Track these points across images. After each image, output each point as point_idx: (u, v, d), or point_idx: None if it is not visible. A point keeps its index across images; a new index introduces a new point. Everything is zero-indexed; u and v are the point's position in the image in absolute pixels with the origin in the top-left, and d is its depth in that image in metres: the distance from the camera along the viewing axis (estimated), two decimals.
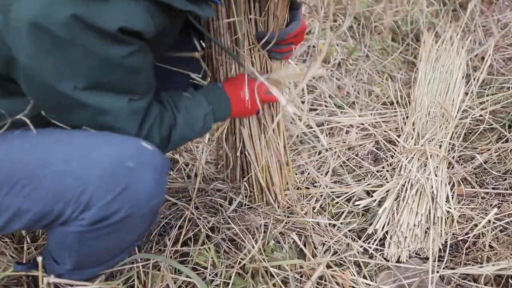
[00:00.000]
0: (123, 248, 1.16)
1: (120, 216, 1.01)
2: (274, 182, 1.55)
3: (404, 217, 1.52)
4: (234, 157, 1.53)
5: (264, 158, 1.50)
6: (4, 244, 1.40)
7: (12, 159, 1.02)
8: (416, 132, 1.85)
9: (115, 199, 0.99)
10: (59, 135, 1.04)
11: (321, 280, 1.37)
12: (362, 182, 1.72)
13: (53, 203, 1.00)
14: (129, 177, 0.99)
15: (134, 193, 1.01)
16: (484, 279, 1.37)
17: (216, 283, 1.35)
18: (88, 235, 1.03)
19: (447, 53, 2.21)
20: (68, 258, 1.12)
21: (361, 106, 2.06)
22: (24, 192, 1.01)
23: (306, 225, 1.53)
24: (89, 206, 0.99)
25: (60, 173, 0.99)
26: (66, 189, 0.99)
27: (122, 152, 1.01)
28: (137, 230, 1.11)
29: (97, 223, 1.01)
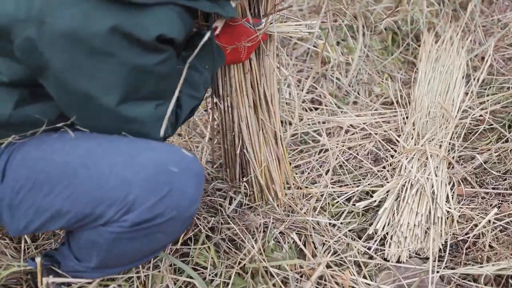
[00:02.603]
0: (154, 250, 1.17)
1: (162, 220, 1.02)
2: (274, 180, 1.55)
3: (404, 217, 1.52)
4: (233, 155, 1.53)
5: (263, 155, 1.50)
6: (5, 244, 1.40)
7: (52, 161, 1.04)
8: (416, 132, 1.85)
9: (159, 202, 1.00)
10: (100, 139, 1.06)
11: (321, 280, 1.37)
12: (362, 182, 1.72)
13: (95, 204, 1.01)
14: (172, 182, 1.01)
15: (177, 197, 1.02)
16: (484, 279, 1.38)
17: (216, 283, 1.35)
18: (125, 236, 1.04)
19: (447, 53, 2.21)
20: (96, 256, 1.12)
21: (361, 106, 2.06)
22: (65, 194, 1.02)
23: (306, 225, 1.53)
24: (133, 208, 1.00)
25: (104, 174, 1.01)
26: (110, 191, 1.00)
27: (166, 157, 1.03)
28: (174, 233, 1.13)
29: (138, 225, 1.02)
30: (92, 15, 0.92)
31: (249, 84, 1.41)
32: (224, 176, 1.62)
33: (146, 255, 1.17)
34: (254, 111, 1.46)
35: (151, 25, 0.95)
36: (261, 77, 1.41)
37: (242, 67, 1.38)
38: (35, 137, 1.07)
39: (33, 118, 1.04)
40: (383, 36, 2.40)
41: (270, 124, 1.48)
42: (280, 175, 1.57)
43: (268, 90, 1.44)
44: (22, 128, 1.06)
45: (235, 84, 1.40)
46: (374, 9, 2.44)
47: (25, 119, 1.05)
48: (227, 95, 1.43)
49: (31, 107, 1.05)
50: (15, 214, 1.07)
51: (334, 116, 1.99)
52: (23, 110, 1.04)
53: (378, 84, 2.16)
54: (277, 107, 1.49)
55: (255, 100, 1.44)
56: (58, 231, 1.46)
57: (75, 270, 1.19)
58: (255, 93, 1.43)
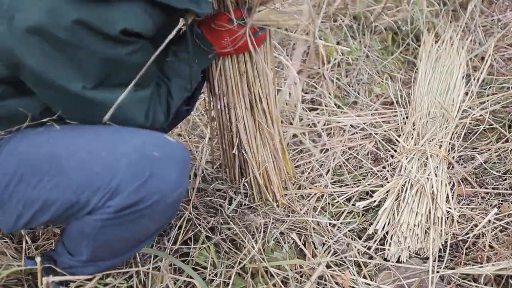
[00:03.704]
0: (141, 238, 1.18)
1: (145, 204, 1.04)
2: (272, 181, 1.55)
3: (404, 217, 1.52)
4: (232, 155, 1.53)
5: (261, 156, 1.50)
6: (5, 244, 1.40)
7: (39, 153, 1.06)
8: (416, 132, 1.85)
9: (141, 187, 1.02)
10: (83, 130, 1.09)
11: (321, 280, 1.37)
12: (362, 182, 1.72)
13: (79, 192, 1.03)
14: (155, 166, 1.03)
15: (160, 181, 1.04)
16: (484, 279, 1.38)
17: (216, 283, 1.35)
18: (110, 222, 1.06)
19: (447, 53, 2.21)
20: (86, 247, 1.14)
21: (361, 106, 2.06)
22: (52, 184, 1.04)
23: (306, 225, 1.53)
24: (117, 193, 1.02)
25: (88, 162, 1.03)
26: (94, 178, 1.02)
27: (148, 143, 1.05)
28: (159, 220, 1.13)
29: (122, 210, 1.03)
30: (58, 9, 0.95)
31: (245, 85, 1.41)
32: (224, 176, 1.62)
33: (134, 245, 1.18)
34: (251, 112, 1.46)
35: (116, 19, 0.98)
36: (255, 78, 1.41)
37: (238, 68, 1.38)
38: (21, 131, 1.08)
39: (17, 113, 1.06)
40: (383, 36, 2.40)
41: (267, 125, 1.48)
42: (278, 176, 1.57)
43: (263, 91, 1.44)
44: (5, 122, 1.08)
45: (231, 85, 1.40)
46: (374, 9, 2.45)
47: (8, 114, 1.07)
48: (223, 94, 1.43)
49: (14, 101, 1.06)
50: (5, 209, 1.08)
51: (334, 116, 1.99)
52: (6, 104, 1.06)
53: (378, 84, 2.16)
54: (274, 107, 1.48)
55: (252, 101, 1.44)
56: (58, 231, 1.46)
57: (70, 266, 1.20)
58: (251, 94, 1.43)
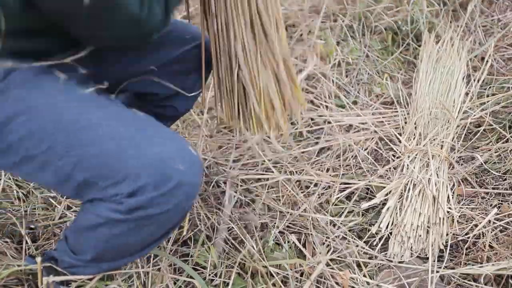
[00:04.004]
0: (148, 244, 1.17)
1: (158, 211, 1.04)
2: (275, 108, 1.35)
3: (407, 217, 1.52)
4: (230, 83, 1.35)
5: (262, 80, 1.32)
6: (5, 244, 1.40)
7: (56, 117, 1.02)
8: (418, 132, 1.85)
9: (160, 196, 1.02)
10: (110, 109, 1.06)
11: (320, 279, 1.37)
12: (363, 182, 1.72)
13: (99, 178, 1.02)
14: (177, 179, 1.02)
15: (178, 193, 1.03)
16: (484, 279, 1.38)
17: (216, 283, 1.35)
18: (122, 225, 1.05)
19: (448, 54, 2.21)
20: (93, 248, 1.13)
21: (362, 106, 2.06)
22: (69, 158, 1.01)
23: (307, 223, 1.53)
24: (134, 195, 1.01)
25: (114, 156, 1.01)
26: (116, 172, 1.01)
27: (175, 153, 1.04)
28: (167, 227, 1.13)
29: (134, 211, 1.03)
30: None
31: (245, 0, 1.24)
32: (220, 115, 1.43)
33: (139, 250, 1.18)
34: (251, 29, 1.28)
35: None
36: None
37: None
38: (33, 71, 1.02)
39: None
40: (383, 36, 2.40)
41: (267, 42, 1.29)
42: (282, 101, 1.36)
43: (264, 5, 1.26)
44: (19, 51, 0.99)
45: (229, 1, 1.24)
46: (374, 9, 2.45)
47: None
48: (220, 11, 1.27)
49: None
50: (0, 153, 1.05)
51: (334, 116, 1.99)
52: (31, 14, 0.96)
53: (378, 84, 2.16)
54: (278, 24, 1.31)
55: (251, 17, 1.27)
56: (58, 231, 1.46)
57: (71, 265, 1.19)
58: (250, 10, 1.26)
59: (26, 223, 1.47)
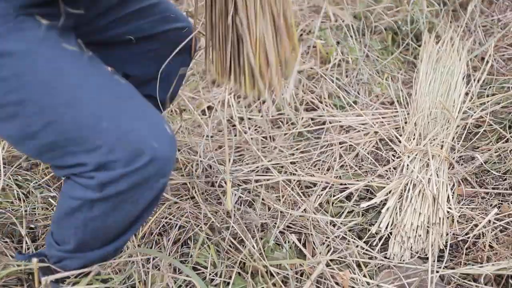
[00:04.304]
0: (128, 225, 1.16)
1: (129, 186, 1.03)
2: (270, 62, 1.21)
3: (408, 217, 1.52)
4: (223, 30, 1.20)
5: (259, 28, 1.17)
6: (5, 244, 1.40)
7: (34, 69, 0.97)
8: (418, 132, 1.85)
9: (131, 173, 1.01)
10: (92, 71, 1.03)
11: (321, 279, 1.37)
12: (363, 182, 1.71)
13: (70, 142, 1.00)
14: (151, 156, 1.01)
15: (151, 170, 1.03)
16: (484, 279, 1.38)
17: (216, 283, 1.35)
18: (96, 206, 1.05)
19: (448, 54, 2.21)
20: (74, 234, 1.12)
21: (362, 106, 2.06)
22: (43, 116, 0.99)
23: (307, 223, 1.53)
24: (104, 168, 1.00)
25: (88, 124, 0.99)
26: (88, 140, 0.99)
27: (149, 130, 1.03)
28: (140, 204, 1.11)
29: (104, 187, 1.02)
30: None
31: None
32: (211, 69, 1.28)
33: (121, 232, 1.16)
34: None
35: None
36: None
37: None
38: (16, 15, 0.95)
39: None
40: (383, 36, 2.40)
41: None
42: (277, 56, 1.23)
43: None
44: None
45: None
46: (374, 9, 2.45)
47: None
48: None
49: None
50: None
51: (334, 116, 1.99)
52: None
53: (378, 84, 2.16)
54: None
55: None
56: None
57: (58, 259, 1.18)
58: None
59: (26, 223, 1.47)
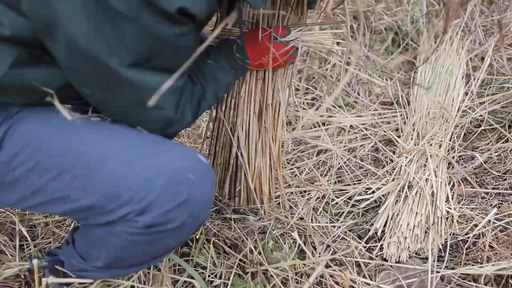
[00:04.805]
0: (162, 253, 1.15)
1: (175, 225, 1.01)
2: (263, 192, 1.49)
3: (404, 217, 1.52)
4: (225, 158, 1.46)
5: (257, 163, 1.43)
6: (4, 242, 1.40)
7: (61, 144, 1.00)
8: (416, 132, 1.85)
9: (175, 208, 0.99)
10: (115, 132, 1.04)
11: (321, 279, 1.37)
12: (362, 182, 1.72)
13: (107, 200, 0.99)
14: (190, 189, 1.00)
15: (193, 205, 1.01)
16: (484, 279, 1.38)
17: (216, 284, 1.35)
18: (136, 238, 1.02)
19: (447, 53, 2.21)
20: (105, 256, 1.10)
21: (361, 106, 2.06)
22: (75, 183, 0.99)
23: (306, 225, 1.52)
24: (147, 211, 0.98)
25: (120, 174, 0.99)
26: (125, 191, 0.98)
27: (184, 163, 1.01)
28: (183, 238, 1.11)
29: (150, 228, 1.00)
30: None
31: (259, 88, 1.34)
32: None
33: (152, 258, 1.16)
34: (258, 117, 1.38)
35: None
36: (270, 84, 1.34)
37: (256, 73, 1.32)
38: (42, 109, 1.00)
39: (30, 84, 0.96)
40: (383, 36, 2.40)
41: (274, 130, 1.41)
42: (270, 187, 1.51)
43: (274, 98, 1.37)
44: (16, 94, 0.99)
45: (244, 87, 1.34)
46: (374, 9, 2.44)
47: (21, 83, 0.97)
48: (232, 97, 1.36)
49: (30, 70, 0.97)
50: (4, 190, 1.03)
51: (334, 116, 1.99)
52: (20, 71, 0.96)
53: (377, 84, 2.16)
54: (283, 115, 1.41)
55: (261, 107, 1.37)
56: (57, 230, 1.46)
57: (80, 269, 1.17)
58: (263, 99, 1.36)
59: (25, 222, 1.47)
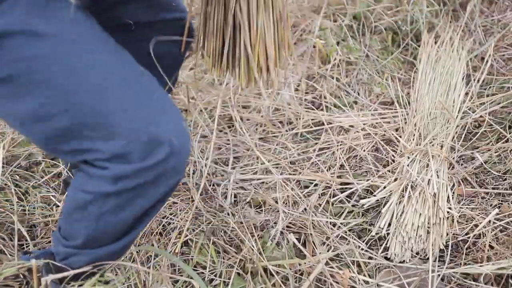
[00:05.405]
0: (140, 219, 1.13)
1: (146, 181, 1.01)
2: (269, 55, 1.16)
3: (408, 217, 1.51)
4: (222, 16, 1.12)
5: (261, 20, 1.11)
6: (3, 242, 1.40)
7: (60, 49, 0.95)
8: (418, 132, 1.84)
9: (149, 167, 0.99)
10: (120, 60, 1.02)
11: (321, 277, 1.37)
12: (363, 182, 1.71)
13: (85, 127, 0.97)
14: (169, 152, 1.00)
15: (168, 167, 1.02)
16: (484, 278, 1.37)
17: (216, 283, 1.35)
18: (111, 200, 1.03)
19: (447, 54, 2.21)
20: (84, 229, 1.10)
21: (361, 106, 2.06)
22: (63, 104, 0.96)
23: (306, 223, 1.52)
24: (121, 160, 0.98)
25: (109, 109, 0.97)
26: (106, 125, 0.97)
27: (170, 126, 1.02)
28: (155, 197, 1.10)
29: (119, 180, 1.00)
30: None
31: None
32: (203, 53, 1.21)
33: (133, 227, 1.14)
34: None
35: None
36: None
37: None
38: None
39: None
40: (383, 36, 2.40)
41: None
42: (276, 50, 1.18)
43: None
44: None
45: None
46: (374, 9, 2.44)
47: None
48: None
49: None
50: None
51: (334, 116, 1.99)
52: None
53: (378, 84, 2.16)
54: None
55: None
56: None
57: (66, 256, 1.16)
58: None
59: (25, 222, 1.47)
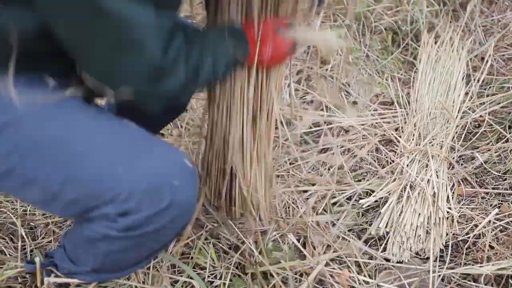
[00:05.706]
0: (147, 256, 1.15)
1: (155, 229, 0.99)
2: (259, 205, 1.38)
3: (407, 217, 1.52)
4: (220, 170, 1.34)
5: (253, 174, 1.31)
6: (4, 243, 1.40)
7: (43, 132, 0.94)
8: (418, 132, 1.85)
9: (156, 214, 0.97)
10: (101, 122, 0.99)
11: (321, 277, 1.37)
12: (363, 182, 1.71)
13: (90, 197, 0.96)
14: (173, 195, 0.97)
15: (175, 210, 0.99)
16: (484, 279, 1.38)
17: (216, 284, 1.35)
18: (119, 243, 1.01)
19: (447, 54, 2.21)
20: (92, 260, 1.10)
21: (361, 106, 2.05)
22: (58, 175, 0.95)
23: (306, 225, 1.52)
24: (128, 214, 0.96)
25: (104, 173, 0.95)
26: (108, 190, 0.95)
27: (169, 168, 0.99)
28: (165, 241, 1.11)
29: (130, 230, 0.98)
30: None
31: (251, 91, 1.20)
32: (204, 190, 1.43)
33: (139, 261, 1.16)
34: (252, 123, 1.25)
35: None
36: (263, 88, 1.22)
37: (249, 72, 1.18)
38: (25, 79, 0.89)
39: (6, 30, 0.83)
40: (383, 36, 2.40)
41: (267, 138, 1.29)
42: (266, 196, 1.40)
43: (268, 102, 1.24)
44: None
45: (238, 89, 1.21)
46: (374, 9, 2.44)
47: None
48: (224, 98, 1.23)
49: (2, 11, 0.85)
50: None
51: (334, 116, 1.99)
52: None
53: (378, 84, 2.16)
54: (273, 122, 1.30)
55: (254, 112, 1.24)
56: (58, 231, 1.46)
57: (71, 272, 1.18)
58: (256, 104, 1.23)
59: (26, 223, 1.47)
